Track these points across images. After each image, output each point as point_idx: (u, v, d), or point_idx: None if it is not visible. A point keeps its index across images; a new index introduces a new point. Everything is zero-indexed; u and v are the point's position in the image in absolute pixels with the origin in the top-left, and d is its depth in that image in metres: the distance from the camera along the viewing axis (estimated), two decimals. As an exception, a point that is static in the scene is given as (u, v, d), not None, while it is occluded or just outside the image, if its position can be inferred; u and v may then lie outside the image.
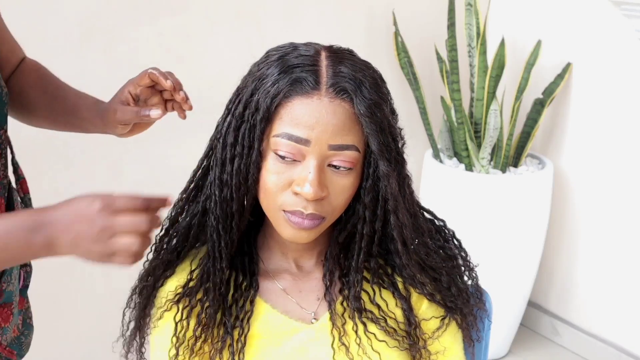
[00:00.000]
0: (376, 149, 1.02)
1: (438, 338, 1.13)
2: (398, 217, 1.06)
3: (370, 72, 1.06)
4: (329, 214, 1.04)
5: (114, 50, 2.30)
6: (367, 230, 1.07)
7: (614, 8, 2.49)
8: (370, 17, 2.74)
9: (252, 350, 1.10)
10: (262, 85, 1.02)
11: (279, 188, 1.02)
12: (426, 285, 1.11)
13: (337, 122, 1.00)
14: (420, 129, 2.81)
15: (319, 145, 1.00)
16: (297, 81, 1.00)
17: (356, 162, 1.03)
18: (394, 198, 1.05)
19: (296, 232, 1.04)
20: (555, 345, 2.88)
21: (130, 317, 1.15)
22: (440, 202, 2.63)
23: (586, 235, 2.74)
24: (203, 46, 2.43)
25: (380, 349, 1.09)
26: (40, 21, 2.15)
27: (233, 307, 1.09)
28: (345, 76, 1.01)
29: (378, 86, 1.04)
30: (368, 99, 1.01)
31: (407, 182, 1.10)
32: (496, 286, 2.23)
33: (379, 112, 1.02)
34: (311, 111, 1.00)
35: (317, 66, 1.02)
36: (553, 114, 2.79)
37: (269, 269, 1.14)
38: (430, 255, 1.11)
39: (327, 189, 1.02)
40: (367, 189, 1.05)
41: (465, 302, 1.13)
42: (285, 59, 1.02)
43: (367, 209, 1.06)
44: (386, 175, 1.03)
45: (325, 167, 1.01)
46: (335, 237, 1.11)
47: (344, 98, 1.01)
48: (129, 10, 2.30)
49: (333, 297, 1.11)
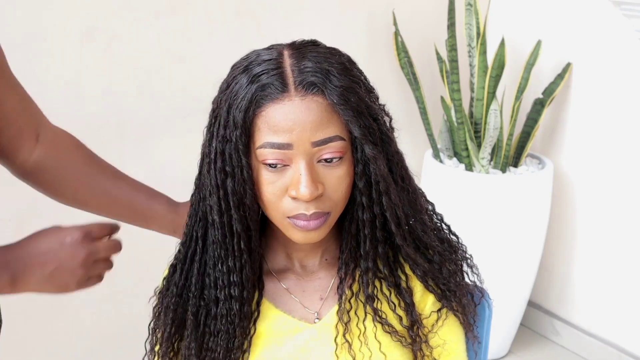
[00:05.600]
0: (359, 134, 1.01)
1: (437, 331, 1.12)
2: (390, 198, 1.05)
3: (337, 57, 1.04)
4: (332, 208, 1.04)
5: (114, 50, 2.30)
6: (368, 216, 1.06)
7: (614, 8, 2.49)
8: (370, 17, 2.74)
9: (255, 350, 1.10)
10: (234, 101, 1.01)
11: (276, 197, 1.02)
12: (420, 265, 1.10)
13: (314, 118, 0.99)
14: (420, 129, 2.81)
15: (302, 145, 0.99)
16: (265, 88, 0.99)
17: (345, 151, 1.02)
18: (384, 179, 1.04)
19: (306, 234, 1.03)
20: (555, 345, 2.88)
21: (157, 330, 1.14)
22: (440, 202, 2.61)
23: (586, 235, 2.74)
24: (203, 46, 2.43)
25: (383, 348, 1.09)
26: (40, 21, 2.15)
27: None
28: (311, 70, 1.00)
29: (347, 70, 1.03)
30: (339, 86, 1.00)
31: (396, 160, 1.08)
32: (496, 286, 2.23)
33: (353, 96, 1.01)
34: (286, 114, 0.99)
35: (281, 68, 1.01)
36: (553, 114, 2.79)
37: (273, 269, 1.14)
38: (426, 232, 1.11)
39: (323, 185, 1.01)
40: (360, 174, 1.04)
41: (458, 285, 1.12)
42: (249, 69, 1.02)
43: (363, 195, 1.05)
44: (373, 158, 1.02)
45: (315, 164, 1.01)
46: (347, 228, 1.10)
47: (315, 92, 1.00)
48: (129, 10, 2.30)
49: (345, 290, 1.10)
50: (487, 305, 1.24)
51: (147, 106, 2.38)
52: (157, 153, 2.41)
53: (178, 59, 2.40)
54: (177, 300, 1.10)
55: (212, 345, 1.08)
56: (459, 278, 1.14)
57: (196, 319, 1.09)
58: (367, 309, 1.09)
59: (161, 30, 2.36)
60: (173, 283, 1.11)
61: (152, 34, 2.35)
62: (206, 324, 1.09)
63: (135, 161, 2.38)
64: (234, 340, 1.08)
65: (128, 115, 2.34)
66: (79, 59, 2.24)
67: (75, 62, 2.22)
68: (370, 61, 2.72)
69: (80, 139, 1.32)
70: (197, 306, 1.09)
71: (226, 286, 1.07)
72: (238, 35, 2.48)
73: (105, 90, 2.31)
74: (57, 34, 2.20)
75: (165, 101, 2.40)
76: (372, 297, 1.09)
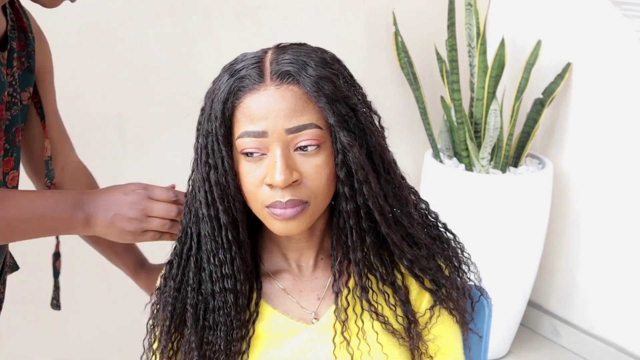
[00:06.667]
0: (333, 121, 1.02)
1: (431, 328, 1.13)
2: (371, 186, 1.06)
3: (319, 53, 1.06)
4: (310, 198, 1.04)
5: (114, 50, 2.30)
6: (351, 206, 1.07)
7: (614, 8, 2.49)
8: (370, 17, 2.74)
9: (253, 351, 1.10)
10: (216, 95, 1.05)
11: (255, 186, 1.03)
12: (406, 253, 1.10)
13: (288, 105, 1.01)
14: (420, 129, 2.81)
15: (276, 133, 1.01)
16: (243, 79, 1.03)
17: (322, 140, 1.03)
18: (362, 167, 1.05)
19: (284, 224, 1.04)
20: (555, 345, 2.88)
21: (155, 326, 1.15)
22: (440, 202, 2.63)
23: (586, 235, 2.75)
24: (203, 46, 2.44)
25: (381, 345, 1.09)
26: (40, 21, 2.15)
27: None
28: (287, 61, 1.03)
29: (327, 63, 1.05)
30: (314, 75, 1.02)
31: (378, 152, 1.08)
32: (496, 286, 2.23)
33: (328, 85, 1.02)
34: (260, 103, 1.01)
35: (261, 62, 1.04)
36: (553, 114, 2.79)
37: (270, 270, 1.15)
38: (413, 225, 1.11)
39: (299, 173, 1.02)
40: (340, 164, 1.05)
41: (447, 278, 1.12)
42: (233, 66, 1.05)
43: (345, 185, 1.06)
44: (349, 145, 1.03)
45: (291, 152, 1.02)
46: (336, 222, 1.10)
47: (290, 82, 1.02)
48: (129, 10, 2.30)
49: (340, 287, 1.11)
50: (487, 304, 1.24)
51: (147, 106, 2.38)
52: (157, 153, 2.41)
53: (178, 59, 2.41)
54: (175, 295, 1.11)
55: (212, 338, 1.09)
56: (450, 272, 1.14)
57: (195, 312, 1.09)
58: (363, 303, 1.10)
59: (161, 30, 2.36)
60: (171, 278, 1.12)
61: (152, 34, 2.35)
62: (205, 317, 1.09)
63: (135, 161, 2.38)
64: (233, 332, 1.08)
65: (128, 115, 2.35)
66: (79, 59, 2.24)
67: (75, 62, 2.22)
68: (370, 61, 2.72)
69: (80, 139, 1.37)
70: (196, 300, 1.09)
71: (219, 279, 1.08)
72: (238, 35, 2.48)
73: (105, 90, 2.31)
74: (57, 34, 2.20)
75: (165, 101, 2.40)
76: (365, 289, 1.09)
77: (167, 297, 1.11)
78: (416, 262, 1.11)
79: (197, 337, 1.09)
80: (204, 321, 1.09)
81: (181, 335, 1.11)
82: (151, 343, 1.13)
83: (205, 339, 1.09)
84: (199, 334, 1.09)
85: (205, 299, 1.09)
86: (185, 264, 1.11)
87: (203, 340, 1.09)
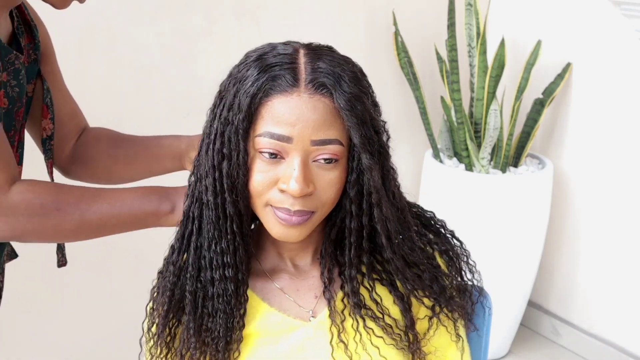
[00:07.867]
0: (358, 142, 1.02)
1: (429, 339, 1.13)
2: (382, 210, 1.06)
3: (350, 66, 1.05)
4: (318, 208, 1.04)
5: (114, 50, 2.30)
6: (355, 224, 1.07)
7: (614, 8, 2.49)
8: (370, 17, 2.74)
9: (250, 349, 1.10)
10: (243, 86, 1.02)
11: (264, 187, 1.03)
12: (409, 280, 1.11)
13: (318, 117, 1.00)
14: (420, 129, 2.81)
15: (301, 141, 1.00)
16: (276, 79, 1.01)
17: (341, 156, 1.03)
18: (377, 191, 1.05)
19: (285, 230, 1.04)
20: (555, 345, 2.88)
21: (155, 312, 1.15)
22: (440, 202, 2.63)
23: (586, 235, 2.75)
24: (203, 46, 2.44)
25: (378, 347, 1.09)
26: (40, 21, 2.15)
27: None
28: (324, 71, 1.02)
29: (358, 79, 1.04)
30: (348, 92, 1.01)
31: (391, 176, 1.09)
32: (496, 286, 2.24)
33: (360, 105, 1.02)
34: (291, 108, 1.00)
35: (295, 64, 1.02)
36: (553, 114, 2.79)
37: (266, 269, 1.15)
38: (414, 250, 1.11)
39: (314, 185, 1.02)
40: (352, 183, 1.05)
41: (449, 299, 1.13)
42: (263, 59, 1.03)
43: (353, 203, 1.06)
44: (369, 168, 1.03)
45: (309, 163, 1.02)
46: (327, 233, 1.11)
47: (324, 93, 1.01)
48: (129, 10, 2.30)
49: (332, 294, 1.11)
50: (486, 303, 1.24)
51: (147, 106, 2.38)
52: (157, 153, 2.41)
53: (178, 59, 2.41)
54: (174, 280, 1.10)
55: (211, 326, 1.08)
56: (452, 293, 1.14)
57: (194, 300, 1.09)
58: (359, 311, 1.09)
59: (161, 30, 2.36)
60: (171, 263, 1.11)
61: (152, 34, 2.35)
62: (204, 305, 1.09)
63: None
64: (233, 320, 1.08)
65: (128, 115, 2.35)
66: (79, 59, 2.24)
67: (75, 62, 2.22)
68: (370, 61, 2.72)
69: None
70: (195, 287, 1.09)
71: (220, 267, 1.08)
72: (238, 35, 2.48)
73: (105, 90, 2.31)
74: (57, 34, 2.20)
75: (165, 101, 2.40)
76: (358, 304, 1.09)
77: (166, 282, 1.11)
78: (419, 287, 1.11)
79: (195, 324, 1.08)
80: (202, 309, 1.09)
81: (179, 322, 1.11)
82: (150, 326, 1.13)
83: (204, 326, 1.09)
84: (198, 321, 1.09)
85: (204, 286, 1.09)
86: (186, 249, 1.11)
87: (202, 327, 1.09)
